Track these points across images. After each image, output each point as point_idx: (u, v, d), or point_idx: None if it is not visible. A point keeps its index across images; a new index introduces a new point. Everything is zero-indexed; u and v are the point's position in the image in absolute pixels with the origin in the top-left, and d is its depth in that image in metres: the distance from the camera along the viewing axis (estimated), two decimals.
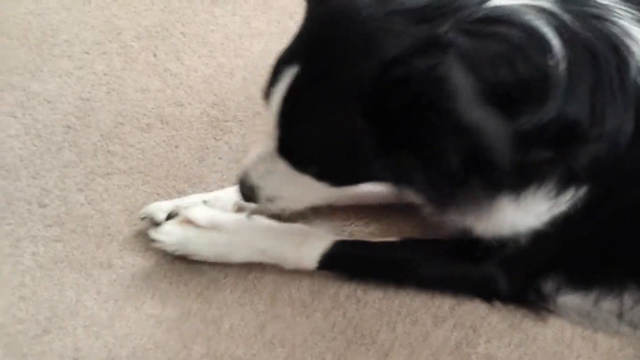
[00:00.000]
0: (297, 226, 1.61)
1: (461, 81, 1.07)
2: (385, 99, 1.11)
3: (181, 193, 1.74)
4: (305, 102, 1.21)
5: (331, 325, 1.56)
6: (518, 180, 1.26)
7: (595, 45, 1.22)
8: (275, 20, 2.23)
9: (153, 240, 1.55)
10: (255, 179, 1.37)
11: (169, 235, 1.54)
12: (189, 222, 1.56)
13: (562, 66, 1.17)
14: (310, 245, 1.56)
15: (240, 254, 1.56)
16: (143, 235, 1.63)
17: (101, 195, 1.72)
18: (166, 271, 1.58)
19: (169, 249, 1.55)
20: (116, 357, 1.45)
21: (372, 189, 1.73)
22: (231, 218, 1.59)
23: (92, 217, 1.68)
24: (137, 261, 1.60)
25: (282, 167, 1.31)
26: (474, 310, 1.60)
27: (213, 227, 1.55)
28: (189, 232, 1.54)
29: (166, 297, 1.55)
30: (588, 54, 1.21)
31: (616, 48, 1.24)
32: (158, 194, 1.73)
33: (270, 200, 1.40)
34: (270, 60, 2.07)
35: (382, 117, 1.14)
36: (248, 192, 1.40)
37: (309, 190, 1.37)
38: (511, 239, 1.45)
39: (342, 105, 1.17)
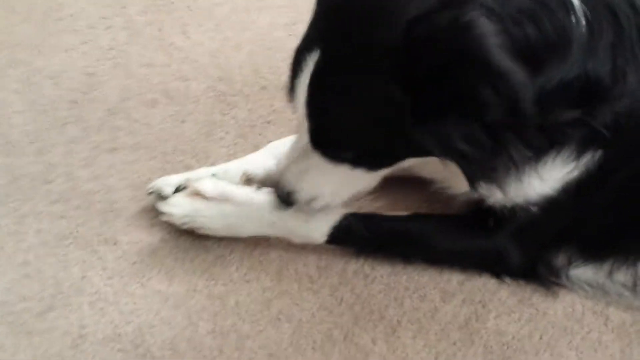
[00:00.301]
0: None
1: (487, 27, 1.05)
2: (415, 61, 1.08)
3: (188, 168, 1.73)
4: (333, 84, 1.18)
5: (338, 301, 1.54)
6: (542, 143, 1.23)
7: (615, 3, 1.22)
8: None
9: (162, 213, 1.53)
10: (291, 182, 1.37)
11: (178, 207, 1.52)
12: (198, 194, 1.53)
13: (583, 23, 1.17)
14: (319, 218, 1.53)
15: (249, 227, 1.55)
16: (149, 211, 1.63)
17: (107, 170, 1.71)
18: (172, 248, 1.57)
19: (178, 221, 1.53)
20: (122, 333, 1.44)
21: None
22: (240, 190, 1.56)
23: (97, 193, 1.67)
24: (143, 237, 1.59)
25: (317, 163, 1.31)
26: (483, 285, 1.58)
27: (222, 199, 1.52)
28: (198, 204, 1.52)
29: (172, 273, 1.54)
30: (608, 13, 1.21)
31: (635, 7, 1.23)
32: (164, 169, 1.72)
33: (310, 201, 1.40)
34: (278, 32, 2.06)
35: (415, 82, 1.10)
36: (286, 198, 1.40)
37: (347, 182, 1.37)
38: (523, 208, 1.43)
39: (372, 78, 1.15)
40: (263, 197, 1.55)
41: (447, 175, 1.45)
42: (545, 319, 1.54)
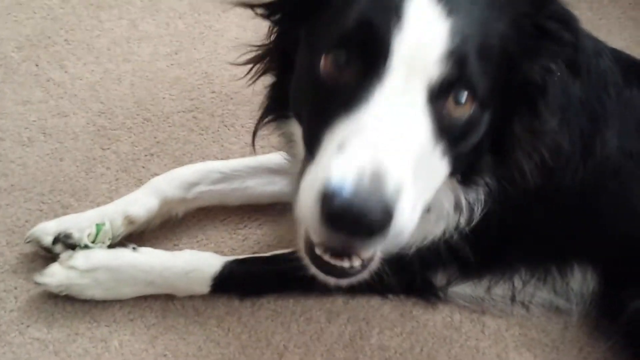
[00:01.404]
0: (185, 253, 1.59)
1: None
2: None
3: (67, 208, 1.70)
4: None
5: (225, 331, 1.55)
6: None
7: None
8: (164, 22, 2.20)
9: (38, 284, 1.51)
10: (379, 160, 0.92)
11: (53, 277, 1.50)
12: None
13: None
14: (200, 270, 1.55)
15: (127, 290, 1.54)
16: (26, 256, 1.59)
17: None
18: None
19: (55, 290, 1.51)
20: None
21: (264, 189, 1.74)
22: (113, 255, 1.54)
23: None
24: (20, 283, 1.55)
25: (423, 132, 1.01)
26: (366, 302, 1.63)
27: (94, 268, 1.51)
28: (72, 274, 1.50)
29: (52, 318, 1.51)
30: None
31: None
32: (42, 211, 1.69)
33: (396, 192, 0.93)
34: (160, 63, 2.05)
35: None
36: (369, 185, 0.90)
37: (435, 176, 1.11)
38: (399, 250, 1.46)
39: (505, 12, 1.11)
40: (138, 257, 1.55)
41: None
42: (425, 331, 1.61)
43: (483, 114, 1.09)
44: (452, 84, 1.02)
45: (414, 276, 1.60)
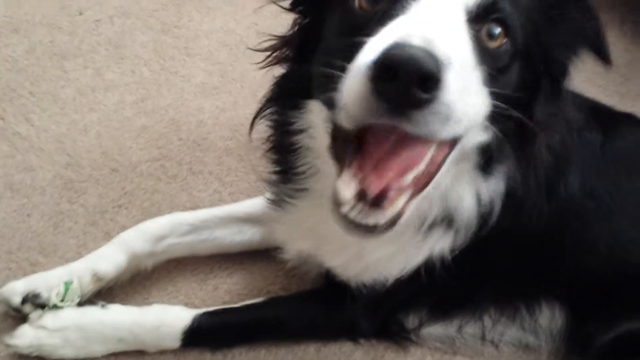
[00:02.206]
0: (154, 308, 1.59)
1: None
2: None
3: (35, 265, 1.70)
4: None
5: None
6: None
7: None
8: (130, 69, 2.21)
9: (8, 346, 1.50)
10: (444, 43, 0.96)
11: (22, 338, 1.50)
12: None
13: None
14: (169, 325, 1.55)
15: (98, 348, 1.54)
16: None
17: None
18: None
19: (25, 351, 1.51)
20: None
21: (233, 238, 1.76)
22: (82, 313, 1.55)
23: None
24: None
25: (464, 44, 1.06)
26: (338, 349, 1.66)
27: (64, 327, 1.51)
28: (42, 334, 1.50)
29: None
30: None
31: None
32: (10, 269, 1.68)
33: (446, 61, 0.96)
34: (126, 111, 2.06)
35: None
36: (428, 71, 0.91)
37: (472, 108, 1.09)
38: (375, 284, 1.50)
39: None
40: (107, 315, 1.55)
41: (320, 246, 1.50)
42: None
43: (514, 58, 1.16)
44: (487, 12, 1.09)
45: (386, 319, 1.63)
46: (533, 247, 1.53)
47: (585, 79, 2.46)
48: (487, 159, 1.25)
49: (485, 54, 1.09)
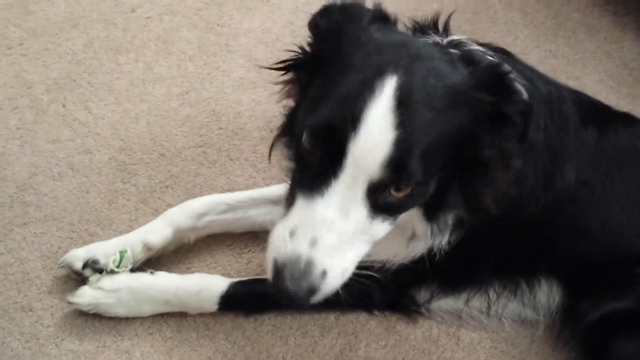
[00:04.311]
0: (195, 276, 1.81)
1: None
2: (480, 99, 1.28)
3: (93, 235, 1.93)
4: (425, 108, 1.21)
5: (232, 344, 1.78)
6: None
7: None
8: (176, 64, 2.43)
9: (70, 303, 1.74)
10: (322, 254, 1.24)
11: (82, 297, 1.73)
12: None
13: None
14: (208, 291, 1.77)
15: (146, 308, 1.77)
16: (59, 279, 1.82)
17: (19, 244, 1.89)
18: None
19: (84, 309, 1.74)
20: None
21: (265, 218, 1.97)
22: (134, 277, 1.77)
23: (11, 265, 1.85)
24: (55, 302, 1.78)
25: (356, 223, 1.26)
26: (355, 318, 1.86)
27: (118, 289, 1.74)
28: (99, 294, 1.73)
29: (83, 333, 1.74)
30: None
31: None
32: (72, 239, 1.92)
33: (321, 276, 1.25)
34: (172, 102, 2.28)
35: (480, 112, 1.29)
36: (298, 275, 1.24)
37: (361, 248, 1.33)
38: (384, 265, 1.69)
39: (455, 109, 1.26)
40: (155, 280, 1.77)
41: None
42: (407, 344, 1.83)
43: (424, 189, 1.31)
44: (389, 184, 1.23)
45: (398, 294, 1.82)
46: (532, 230, 1.69)
47: (597, 80, 2.62)
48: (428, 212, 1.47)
49: (388, 205, 1.27)
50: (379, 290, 1.79)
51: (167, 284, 1.77)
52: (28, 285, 1.82)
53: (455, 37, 1.49)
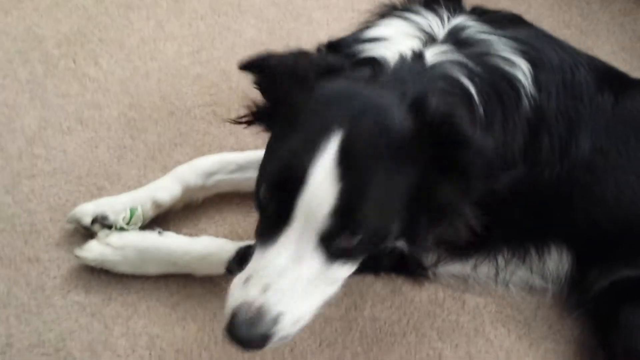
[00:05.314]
0: (203, 239, 1.80)
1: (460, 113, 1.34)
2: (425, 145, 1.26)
3: (101, 189, 1.93)
4: (364, 163, 1.23)
5: None
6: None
7: (497, 85, 1.49)
8: (187, 23, 2.41)
9: (77, 257, 1.74)
10: (277, 302, 1.25)
11: (90, 252, 1.73)
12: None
13: (481, 112, 1.45)
14: (216, 256, 1.76)
15: (152, 268, 1.77)
16: (66, 231, 1.83)
17: (27, 195, 1.89)
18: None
19: (91, 264, 1.74)
20: (45, 340, 1.65)
21: None
22: (142, 237, 1.77)
23: (19, 216, 1.85)
24: (62, 255, 1.79)
25: (310, 270, 1.26)
26: (361, 280, 1.85)
27: (126, 247, 1.74)
28: (106, 251, 1.73)
29: (89, 285, 1.75)
30: (495, 95, 1.49)
31: (510, 82, 1.52)
32: (80, 192, 1.92)
33: (273, 322, 1.25)
34: (183, 61, 2.26)
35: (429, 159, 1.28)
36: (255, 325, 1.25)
37: (323, 294, 1.35)
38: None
39: (397, 158, 1.25)
40: (163, 241, 1.77)
41: None
42: (412, 305, 1.83)
43: (384, 233, 1.30)
44: (339, 231, 1.23)
45: (405, 257, 1.81)
46: (545, 198, 1.67)
47: (610, 52, 2.58)
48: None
49: (344, 251, 1.28)
50: (387, 255, 1.78)
51: (174, 247, 1.77)
52: (35, 237, 1.82)
53: (459, 20, 1.52)
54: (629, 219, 1.71)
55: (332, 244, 1.26)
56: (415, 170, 1.27)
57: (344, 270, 1.33)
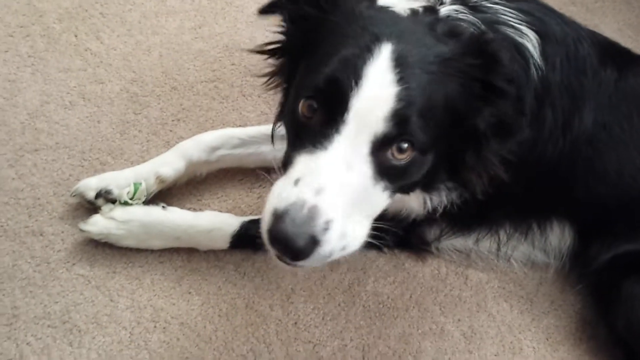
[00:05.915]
0: (207, 214, 1.80)
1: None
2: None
3: (104, 164, 1.93)
4: (420, 69, 1.25)
5: (242, 275, 1.79)
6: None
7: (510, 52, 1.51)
8: None
9: (82, 231, 1.74)
10: (328, 208, 1.20)
11: (94, 226, 1.73)
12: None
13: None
14: (220, 230, 1.76)
15: (156, 242, 1.77)
16: (70, 205, 1.82)
17: (30, 169, 1.89)
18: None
19: (96, 237, 1.74)
20: (50, 312, 1.66)
21: (276, 154, 1.96)
22: (147, 211, 1.76)
23: (22, 190, 1.85)
24: (66, 228, 1.79)
25: (360, 181, 1.25)
26: (364, 255, 1.86)
27: (130, 221, 1.74)
28: (111, 225, 1.73)
29: (94, 259, 1.75)
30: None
31: (520, 51, 1.54)
32: (83, 167, 1.91)
33: (324, 227, 1.20)
34: (185, 36, 2.24)
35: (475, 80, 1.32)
36: (315, 235, 1.19)
37: (364, 217, 1.33)
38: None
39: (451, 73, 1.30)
40: (168, 215, 1.77)
41: None
42: (415, 281, 1.84)
43: (424, 157, 1.32)
44: (394, 138, 1.23)
45: (408, 232, 1.81)
46: (548, 173, 1.69)
47: (616, 29, 2.58)
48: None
49: (391, 168, 1.27)
50: (390, 231, 1.78)
51: (179, 221, 1.77)
52: (39, 211, 1.82)
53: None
54: (630, 194, 1.72)
55: (383, 157, 1.25)
56: (458, 87, 1.30)
57: (382, 198, 1.32)
